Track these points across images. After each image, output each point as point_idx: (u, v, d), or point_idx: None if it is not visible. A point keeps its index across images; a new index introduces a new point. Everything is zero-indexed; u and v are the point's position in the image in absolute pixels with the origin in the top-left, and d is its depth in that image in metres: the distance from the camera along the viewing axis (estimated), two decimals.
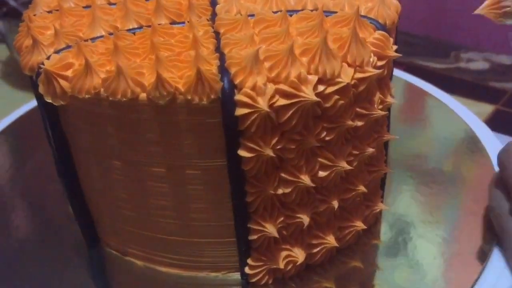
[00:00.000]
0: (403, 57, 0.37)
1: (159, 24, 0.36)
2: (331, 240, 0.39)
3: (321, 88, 0.32)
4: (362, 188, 0.38)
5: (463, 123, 0.54)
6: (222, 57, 0.33)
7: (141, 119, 0.33)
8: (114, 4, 0.41)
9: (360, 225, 0.40)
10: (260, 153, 0.32)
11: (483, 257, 0.39)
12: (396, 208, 0.45)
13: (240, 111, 0.31)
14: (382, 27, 0.36)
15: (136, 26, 0.38)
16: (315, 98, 0.31)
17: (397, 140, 0.41)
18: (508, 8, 0.37)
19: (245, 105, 0.31)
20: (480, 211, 0.44)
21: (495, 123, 0.57)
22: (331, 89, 0.32)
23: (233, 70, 0.31)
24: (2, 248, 0.43)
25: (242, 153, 0.32)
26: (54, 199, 0.48)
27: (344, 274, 0.40)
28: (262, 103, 0.30)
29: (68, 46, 0.35)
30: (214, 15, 0.39)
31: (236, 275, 0.39)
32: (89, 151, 0.36)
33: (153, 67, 0.32)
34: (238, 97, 0.31)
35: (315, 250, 0.39)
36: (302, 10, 0.37)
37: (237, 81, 0.31)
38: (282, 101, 0.31)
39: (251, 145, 0.32)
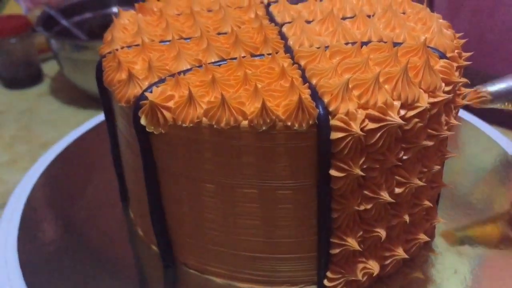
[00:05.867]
0: None
1: (242, 57, 0.40)
2: (400, 253, 0.42)
3: (402, 112, 0.35)
4: (427, 203, 0.42)
5: (500, 149, 0.56)
6: (311, 86, 0.36)
7: (240, 144, 0.35)
8: (188, 38, 0.44)
9: (423, 237, 0.43)
10: (349, 172, 0.35)
11: None
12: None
13: (335, 135, 0.34)
14: (444, 55, 0.40)
15: (217, 59, 0.41)
16: (401, 121, 0.34)
17: None
18: (484, 98, 0.46)
19: (339, 129, 0.34)
20: None
21: None
22: (411, 113, 0.36)
23: (326, 98, 0.34)
24: (70, 268, 0.45)
25: (333, 173, 0.35)
26: (121, 223, 0.50)
27: (408, 284, 0.43)
28: (355, 127, 0.34)
29: (162, 80, 0.38)
30: (287, 47, 0.42)
31: None
32: (180, 175, 0.39)
33: (252, 97, 0.35)
34: (333, 122, 0.34)
35: (387, 262, 0.42)
36: (369, 41, 0.41)
37: (331, 108, 0.34)
38: (371, 125, 0.34)
39: (342, 165, 0.35)
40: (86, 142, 0.61)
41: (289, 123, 0.34)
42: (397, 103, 0.35)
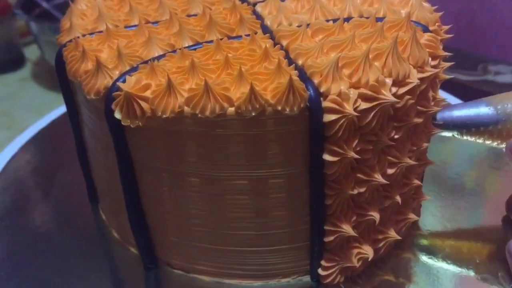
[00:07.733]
0: None
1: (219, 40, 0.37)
2: (392, 234, 0.40)
3: (394, 89, 0.34)
4: (417, 182, 0.41)
5: None
6: (297, 67, 0.34)
7: (227, 134, 0.33)
8: (156, 23, 0.41)
9: (413, 217, 0.43)
10: (343, 156, 0.33)
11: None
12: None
13: (328, 117, 0.32)
14: (427, 29, 0.39)
15: (191, 43, 0.38)
16: (394, 99, 0.33)
17: None
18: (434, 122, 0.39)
19: (333, 111, 0.32)
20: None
21: None
22: (402, 89, 0.34)
23: (316, 79, 0.32)
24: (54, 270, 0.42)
25: (327, 157, 0.33)
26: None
27: (399, 265, 0.42)
28: (349, 108, 0.32)
29: (134, 68, 0.35)
30: (264, 27, 0.40)
31: (306, 278, 0.40)
32: (160, 170, 0.36)
33: (236, 81, 0.32)
34: (326, 104, 0.32)
35: (380, 245, 0.40)
36: (350, 18, 0.39)
37: (322, 89, 0.32)
38: (364, 105, 0.33)
39: (336, 149, 0.33)
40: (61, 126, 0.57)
41: (279, 108, 0.32)
42: (388, 80, 0.33)
